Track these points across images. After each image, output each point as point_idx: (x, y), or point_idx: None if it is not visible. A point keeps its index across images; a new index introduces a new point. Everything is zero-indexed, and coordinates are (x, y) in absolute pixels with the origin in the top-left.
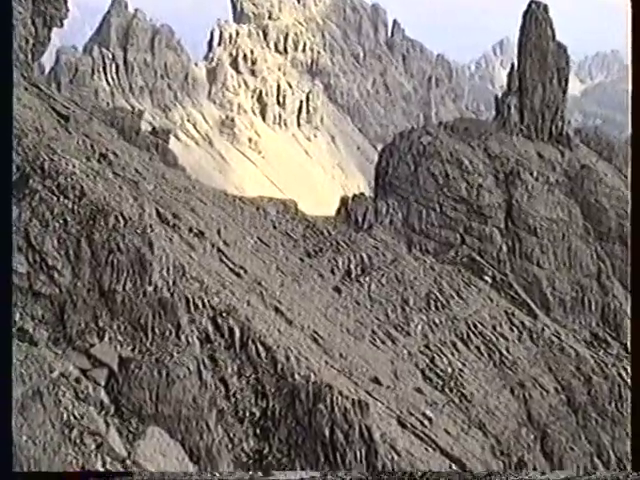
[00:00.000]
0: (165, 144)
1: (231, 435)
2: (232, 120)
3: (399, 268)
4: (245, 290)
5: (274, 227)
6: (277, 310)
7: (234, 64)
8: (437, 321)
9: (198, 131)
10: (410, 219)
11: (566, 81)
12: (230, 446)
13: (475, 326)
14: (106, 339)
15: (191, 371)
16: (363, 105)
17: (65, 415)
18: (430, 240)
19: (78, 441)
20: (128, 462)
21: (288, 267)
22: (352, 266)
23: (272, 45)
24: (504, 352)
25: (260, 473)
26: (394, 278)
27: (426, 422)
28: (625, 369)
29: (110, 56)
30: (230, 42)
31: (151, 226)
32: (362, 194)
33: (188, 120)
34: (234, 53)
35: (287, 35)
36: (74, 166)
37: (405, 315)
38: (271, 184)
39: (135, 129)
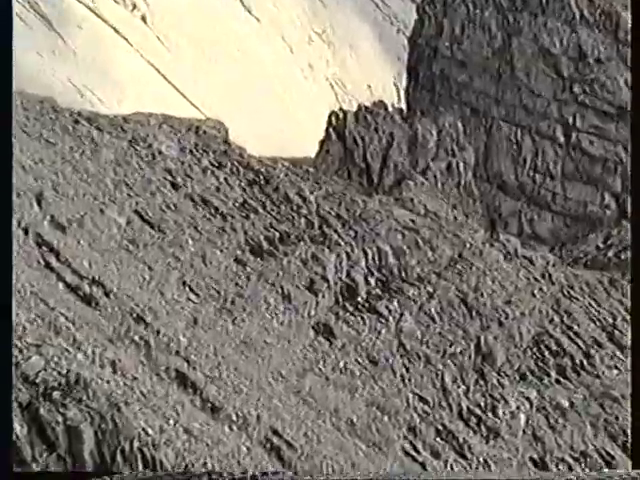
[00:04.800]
0: None
1: None
2: None
3: (468, 276)
4: (107, 333)
5: (173, 186)
6: (183, 380)
7: None
8: (562, 402)
9: None
10: (493, 164)
11: None
12: None
13: None
14: None
15: None
16: None
17: None
18: (542, 210)
19: None
20: None
21: (209, 279)
22: (357, 274)
23: None
24: None
25: None
26: (456, 300)
27: None
28: None
29: None
30: None
31: None
32: (379, 104)
33: None
34: None
35: None
36: None
37: (485, 388)
38: (168, 86)
39: None
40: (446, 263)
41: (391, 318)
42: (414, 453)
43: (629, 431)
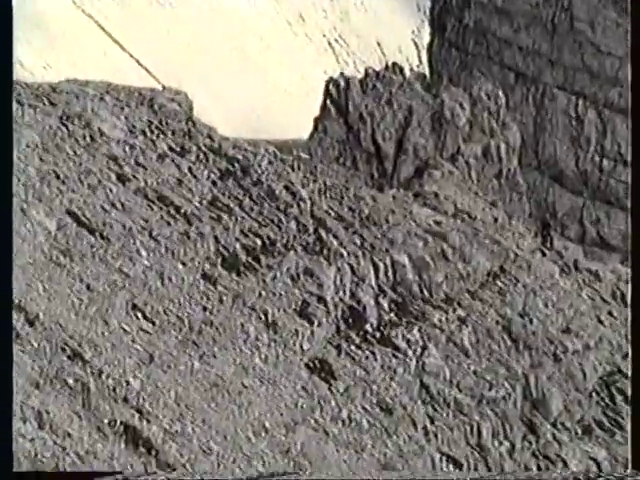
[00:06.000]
0: None
1: None
2: None
3: (512, 296)
4: (31, 375)
5: (120, 179)
6: (133, 436)
7: None
8: None
9: None
10: (546, 146)
11: None
12: None
13: None
14: None
15: None
16: None
17: None
18: (611, 208)
19: None
20: None
21: (169, 301)
22: (365, 294)
23: None
24: None
25: None
26: (497, 329)
27: None
28: None
29: None
30: None
31: None
32: (393, 69)
33: None
34: None
35: None
36: None
37: (536, 446)
38: (113, 45)
39: None
40: (483, 279)
41: (410, 352)
42: None
43: (629, 431)
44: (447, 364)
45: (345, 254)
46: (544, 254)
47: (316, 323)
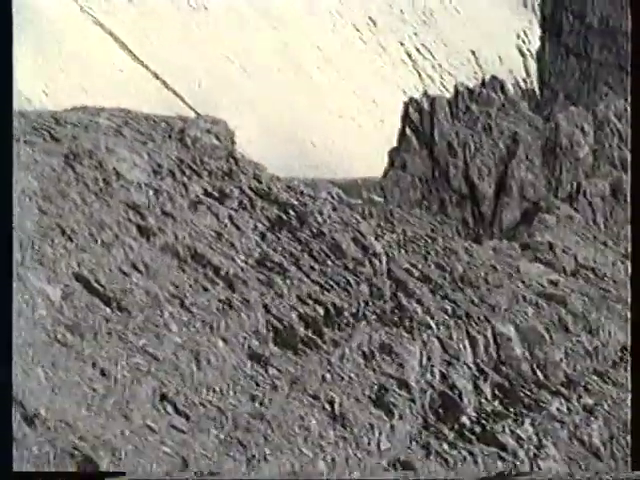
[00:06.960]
0: None
1: None
2: None
3: None
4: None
5: (142, 232)
6: None
7: None
8: None
9: None
10: None
11: None
12: None
13: None
14: None
15: None
16: None
17: None
18: None
19: None
20: None
21: (207, 390)
22: (460, 377)
23: None
24: None
25: None
26: None
27: None
28: None
29: None
30: None
31: None
32: (492, 84)
33: None
34: None
35: None
36: None
37: None
38: (131, 61)
39: None
40: (616, 356)
41: (522, 453)
42: None
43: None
44: (571, 469)
45: (433, 325)
46: None
47: (397, 415)
